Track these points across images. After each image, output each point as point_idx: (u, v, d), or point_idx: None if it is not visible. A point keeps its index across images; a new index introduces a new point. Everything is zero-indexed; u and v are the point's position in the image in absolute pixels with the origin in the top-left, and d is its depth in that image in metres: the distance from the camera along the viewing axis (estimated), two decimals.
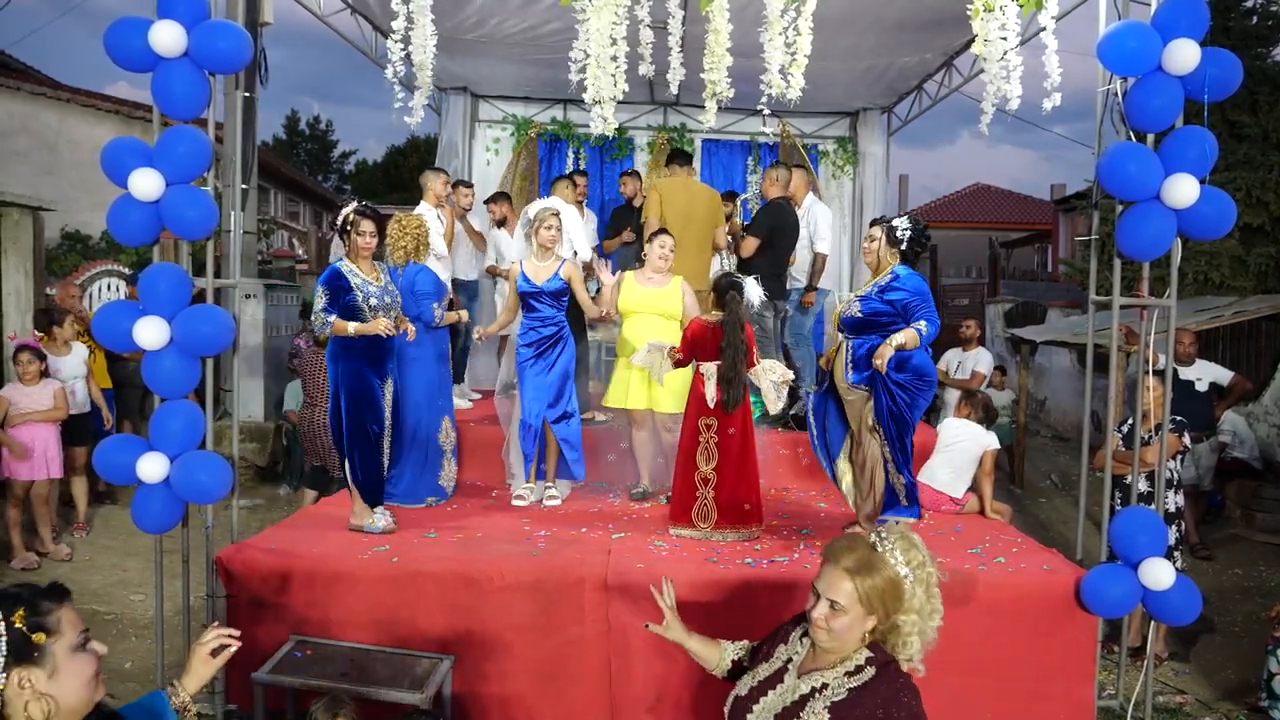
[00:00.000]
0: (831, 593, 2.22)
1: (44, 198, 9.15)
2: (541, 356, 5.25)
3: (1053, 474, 9.61)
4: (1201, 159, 3.93)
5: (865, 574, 2.21)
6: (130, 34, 3.83)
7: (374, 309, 4.58)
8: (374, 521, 4.59)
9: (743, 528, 4.68)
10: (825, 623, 2.22)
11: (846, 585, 2.21)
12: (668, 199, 6.51)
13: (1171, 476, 5.02)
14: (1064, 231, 23.89)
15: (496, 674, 3.99)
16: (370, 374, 4.60)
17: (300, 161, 37.18)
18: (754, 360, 4.74)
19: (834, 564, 2.24)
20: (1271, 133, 11.03)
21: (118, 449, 4.03)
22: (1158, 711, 4.52)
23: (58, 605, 1.78)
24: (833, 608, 2.21)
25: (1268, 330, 9.36)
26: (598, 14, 3.99)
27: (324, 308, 4.50)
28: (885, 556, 2.23)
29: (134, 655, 4.99)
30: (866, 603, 2.21)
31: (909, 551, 2.26)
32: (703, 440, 4.69)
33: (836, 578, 2.22)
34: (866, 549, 2.25)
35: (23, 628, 1.71)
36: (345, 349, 4.56)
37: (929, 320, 4.33)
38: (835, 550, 2.28)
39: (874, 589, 2.21)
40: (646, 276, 5.47)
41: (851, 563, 2.22)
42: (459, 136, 9.66)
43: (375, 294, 4.61)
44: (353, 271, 4.59)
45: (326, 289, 4.52)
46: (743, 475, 4.68)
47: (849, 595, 2.20)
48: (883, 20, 6.75)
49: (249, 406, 8.01)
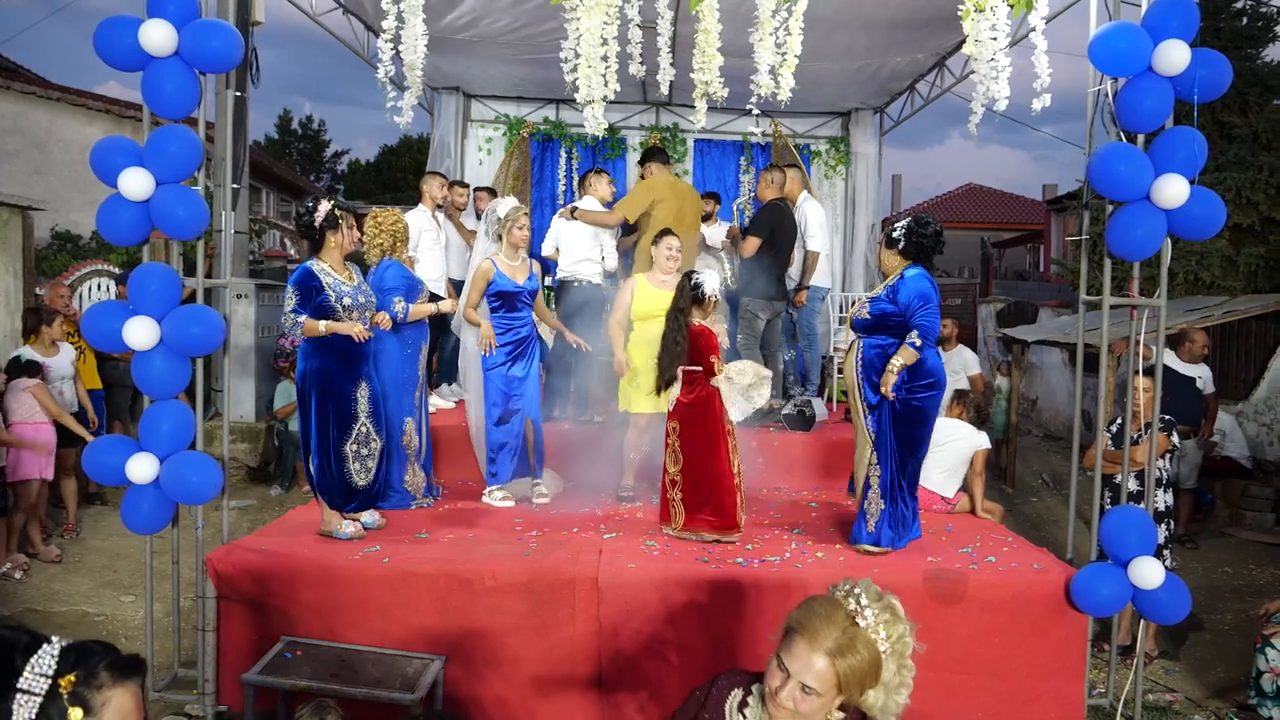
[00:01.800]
0: (805, 675, 1.87)
1: (34, 197, 9.13)
2: (521, 358, 5.25)
3: (1044, 473, 9.63)
4: (1191, 159, 3.95)
5: (845, 655, 1.88)
6: (120, 33, 3.81)
7: (347, 309, 4.46)
8: (341, 528, 4.47)
9: (709, 530, 4.58)
10: (793, 705, 1.90)
11: (823, 667, 1.87)
12: (661, 198, 6.51)
13: (1161, 475, 5.04)
14: (1056, 231, 23.95)
15: (488, 674, 3.99)
16: (340, 377, 4.47)
17: (293, 161, 37.06)
18: (715, 368, 4.67)
19: (809, 641, 1.89)
20: (1261, 133, 11.09)
21: (107, 450, 4.02)
22: (1147, 709, 4.54)
23: (114, 683, 1.51)
24: (804, 690, 1.88)
25: (1257, 330, 9.41)
26: (588, 14, 3.98)
27: (294, 308, 4.36)
28: (868, 634, 1.91)
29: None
30: (842, 685, 1.90)
31: (892, 625, 1.94)
32: (670, 443, 4.72)
33: (812, 659, 1.88)
34: (846, 623, 1.90)
35: (64, 695, 1.45)
36: (317, 349, 4.43)
37: (921, 326, 4.29)
38: (811, 624, 1.91)
39: (853, 670, 1.88)
40: (660, 279, 5.45)
41: (832, 643, 1.88)
42: (451, 136, 9.64)
43: (349, 293, 4.49)
44: (325, 271, 4.47)
45: (297, 289, 4.38)
46: (709, 478, 4.59)
47: (825, 679, 1.87)
48: (874, 20, 6.76)
49: (240, 407, 7.99)
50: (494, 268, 5.22)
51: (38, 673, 1.44)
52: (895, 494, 4.42)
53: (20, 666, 1.44)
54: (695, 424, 4.64)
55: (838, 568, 4.21)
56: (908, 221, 4.49)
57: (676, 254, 5.46)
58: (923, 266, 4.46)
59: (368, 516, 4.65)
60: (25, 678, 1.43)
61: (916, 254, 4.46)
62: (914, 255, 4.46)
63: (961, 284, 19.69)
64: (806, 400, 6.92)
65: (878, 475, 4.44)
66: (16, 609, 5.49)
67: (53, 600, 5.61)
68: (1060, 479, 9.32)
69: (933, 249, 4.47)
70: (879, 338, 4.44)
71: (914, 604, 3.99)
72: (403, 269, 5.26)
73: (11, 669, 1.43)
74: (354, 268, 4.73)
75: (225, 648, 4.10)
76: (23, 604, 5.56)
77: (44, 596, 5.64)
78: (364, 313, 4.58)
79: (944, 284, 17.96)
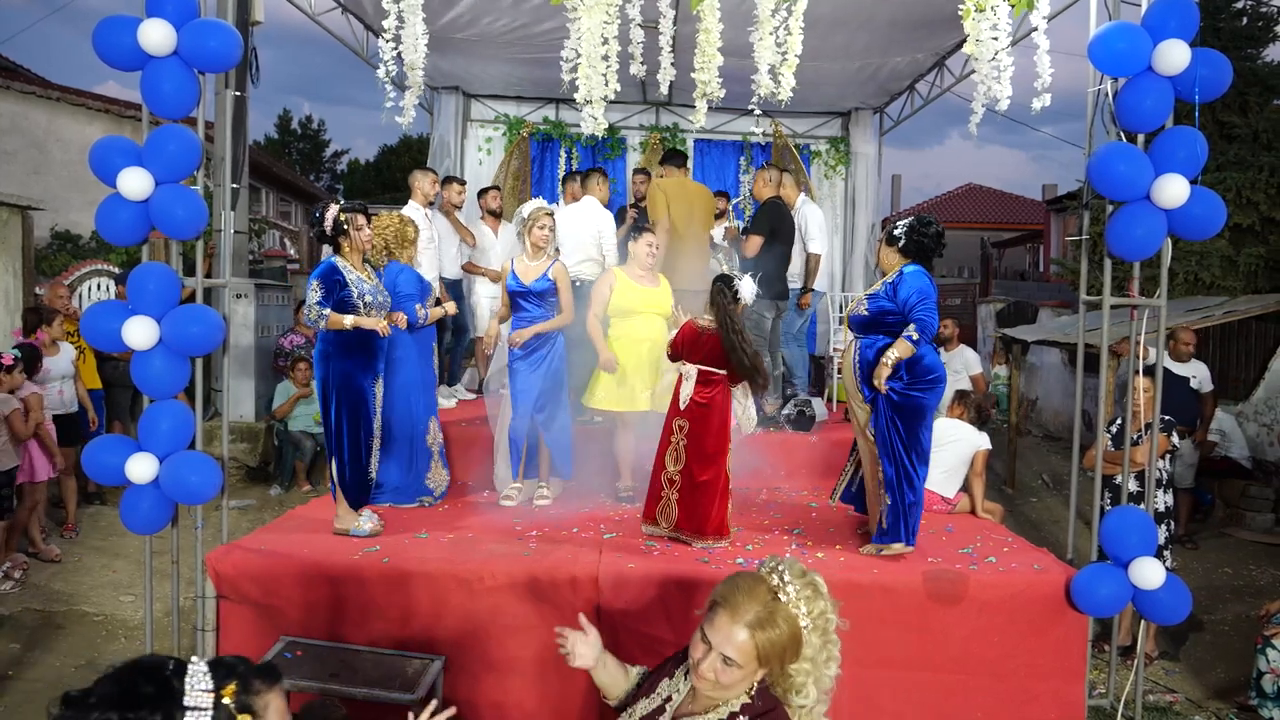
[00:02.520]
0: (726, 647, 1.95)
1: (33, 197, 9.13)
2: (530, 357, 5.25)
3: (1044, 473, 9.63)
4: (1191, 159, 3.95)
5: (765, 628, 1.96)
6: (119, 32, 3.80)
7: (369, 306, 4.53)
8: (360, 525, 4.53)
9: (699, 536, 4.54)
10: (714, 675, 1.98)
11: (743, 639, 1.95)
12: (674, 200, 6.51)
13: (1161, 476, 5.04)
14: (1055, 231, 23.95)
15: (488, 674, 3.99)
16: (360, 375, 4.55)
17: (293, 161, 37.07)
18: None
19: (731, 614, 1.97)
20: (1261, 133, 11.09)
21: (106, 449, 4.01)
22: (1148, 710, 4.54)
23: (268, 688, 1.63)
24: (725, 662, 1.96)
25: (1258, 330, 9.41)
26: (589, 13, 3.98)
27: (319, 301, 4.41)
28: (789, 608, 1.98)
29: (124, 656, 4.92)
30: (762, 657, 1.97)
31: (814, 601, 2.02)
32: (674, 441, 4.65)
33: (733, 631, 1.96)
34: (769, 598, 1.99)
35: (230, 704, 1.55)
36: (336, 348, 4.49)
37: (919, 321, 4.26)
38: (733, 598, 2.00)
39: (773, 644, 1.96)
40: (638, 274, 5.46)
41: (752, 616, 1.96)
42: (451, 136, 9.65)
43: (370, 291, 4.56)
44: (348, 269, 4.53)
45: (322, 283, 4.43)
46: (706, 483, 4.55)
47: (745, 651, 1.95)
48: (874, 20, 6.76)
49: (240, 407, 7.99)
50: (510, 267, 5.27)
51: (200, 689, 1.52)
52: (904, 490, 4.38)
53: (179, 687, 1.51)
54: (705, 425, 4.58)
55: (838, 568, 4.21)
56: (909, 220, 4.47)
57: (655, 250, 5.47)
58: (922, 266, 4.44)
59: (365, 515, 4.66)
60: (190, 696, 1.51)
61: (917, 253, 4.43)
62: (914, 254, 4.43)
63: (961, 284, 19.71)
64: (807, 400, 6.92)
65: (883, 474, 4.43)
66: (16, 608, 5.48)
67: (52, 600, 5.61)
68: (1060, 479, 9.31)
69: (933, 249, 4.44)
70: (876, 336, 4.41)
71: (914, 604, 4.03)
72: (414, 274, 5.35)
73: (171, 691, 1.51)
74: (370, 267, 4.79)
75: (225, 648, 4.09)
76: (22, 603, 5.56)
77: (44, 596, 5.64)
78: (381, 311, 4.65)
79: (944, 284, 17.98)
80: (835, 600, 2.07)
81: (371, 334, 4.55)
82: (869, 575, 4.14)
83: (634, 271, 5.47)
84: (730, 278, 4.68)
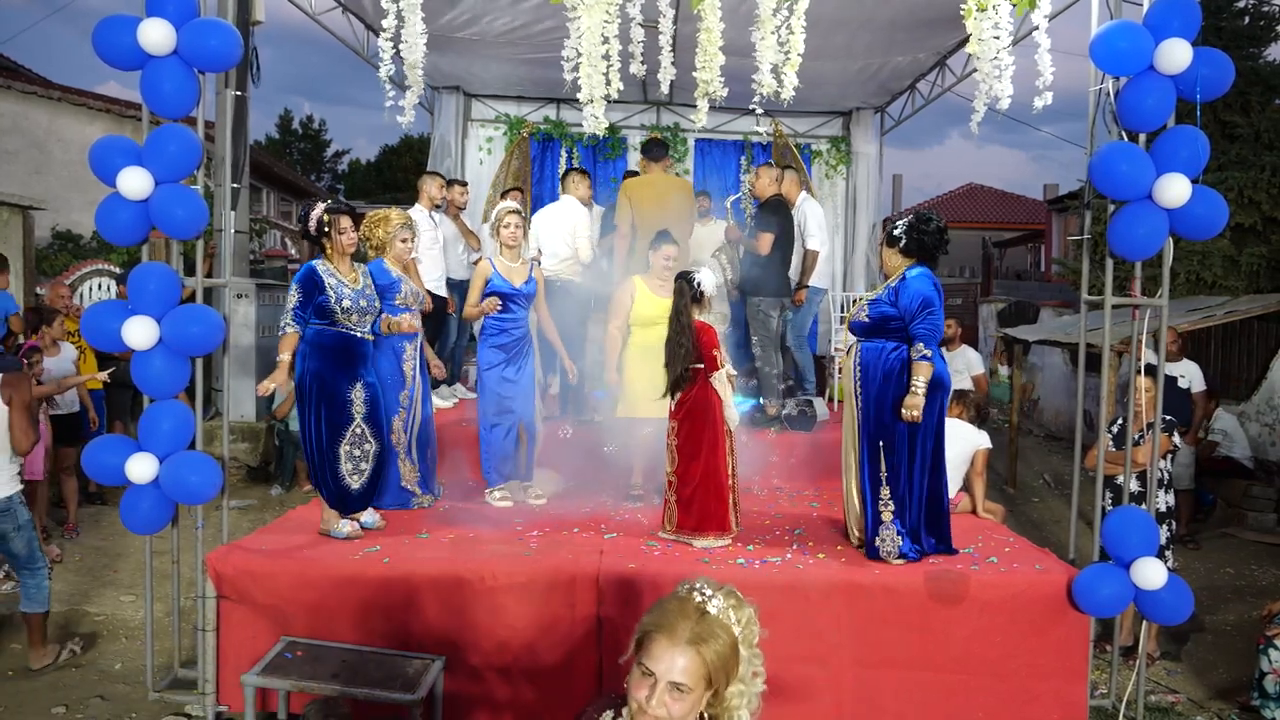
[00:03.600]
0: (673, 673, 1.82)
1: (34, 197, 9.14)
2: (515, 359, 5.22)
3: (1046, 473, 9.63)
4: (1193, 159, 3.94)
5: (707, 641, 1.85)
6: (119, 32, 3.80)
7: (346, 311, 4.45)
8: (339, 528, 4.47)
9: (700, 534, 4.52)
10: (666, 711, 1.83)
11: (689, 659, 1.83)
12: (641, 199, 6.45)
13: (1163, 476, 5.03)
14: (1057, 231, 23.95)
15: (489, 675, 3.98)
16: (336, 378, 4.46)
17: (293, 161, 37.09)
18: (719, 362, 4.64)
19: (669, 638, 1.85)
20: (1263, 132, 11.08)
21: (106, 449, 4.01)
22: (1150, 710, 4.53)
23: None
24: (675, 690, 1.82)
25: (1259, 330, 9.39)
26: (589, 12, 3.98)
27: (295, 307, 4.36)
28: (721, 618, 1.89)
29: (124, 657, 4.97)
30: (710, 675, 1.86)
31: (740, 610, 1.93)
32: (669, 443, 4.65)
33: (676, 653, 1.83)
34: (698, 614, 1.88)
35: None
36: (314, 350, 4.43)
37: (921, 335, 4.21)
38: (666, 622, 1.88)
39: (719, 656, 1.86)
40: (657, 285, 5.39)
41: (691, 634, 1.85)
42: (452, 136, 9.64)
43: (349, 296, 4.47)
44: (329, 272, 4.46)
45: (300, 288, 4.38)
46: (702, 480, 4.53)
47: (693, 671, 1.83)
48: (876, 19, 6.75)
49: (240, 407, 7.99)
50: (491, 267, 5.21)
51: None
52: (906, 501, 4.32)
53: None
54: (696, 422, 4.58)
55: (838, 568, 4.20)
56: (909, 219, 4.42)
57: (671, 261, 5.41)
58: (926, 266, 4.41)
59: (367, 516, 4.64)
60: None
61: (919, 252, 4.38)
62: (916, 253, 4.38)
63: (963, 284, 19.73)
64: (808, 400, 6.91)
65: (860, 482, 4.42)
66: (16, 608, 5.48)
67: (53, 600, 5.59)
68: (1062, 479, 9.31)
69: (936, 247, 4.38)
70: (877, 341, 4.38)
71: (915, 604, 4.03)
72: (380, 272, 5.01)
73: None
74: (361, 269, 4.70)
75: (225, 648, 4.09)
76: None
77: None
78: (364, 315, 4.56)
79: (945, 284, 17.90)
80: (754, 604, 1.99)
81: (353, 338, 4.50)
82: (870, 575, 4.13)
83: (653, 282, 5.44)
84: (689, 273, 4.67)
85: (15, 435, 4.52)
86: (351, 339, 4.51)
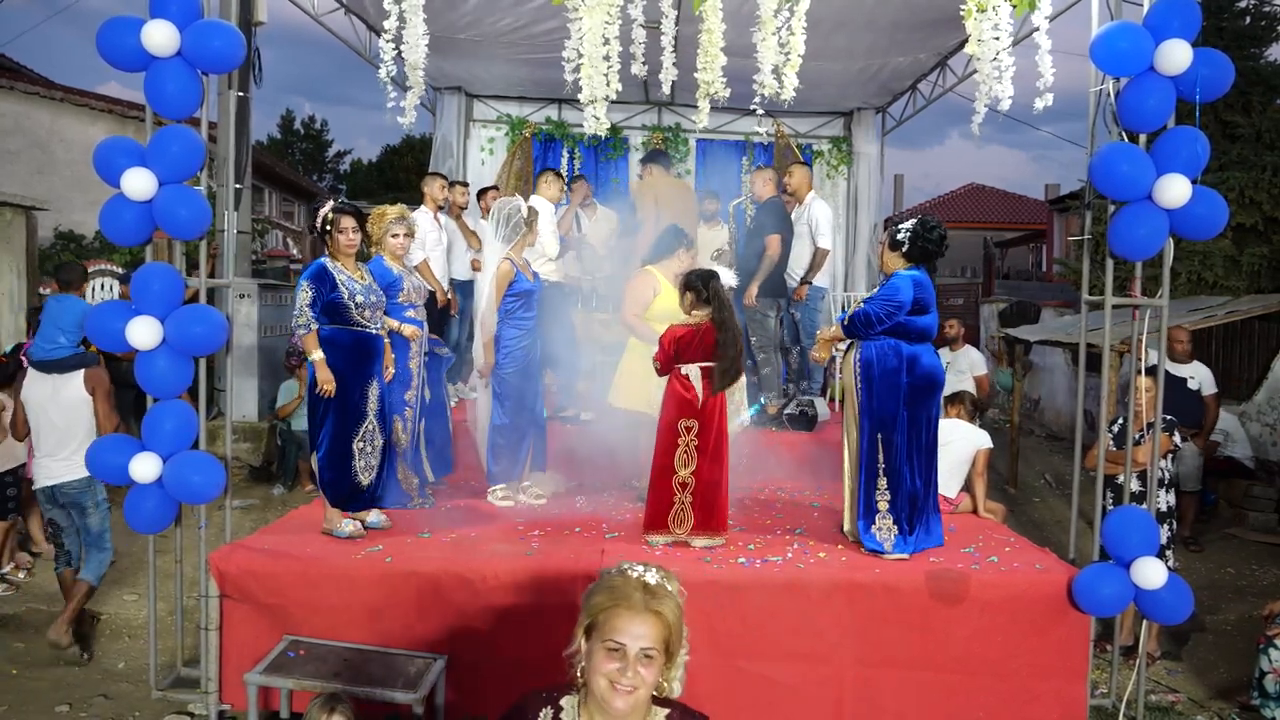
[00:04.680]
0: (643, 639, 1.88)
1: (37, 197, 9.15)
2: (528, 360, 5.23)
3: (1047, 473, 9.63)
4: (1193, 159, 3.95)
5: (660, 600, 1.93)
6: (122, 33, 3.82)
7: (360, 307, 4.50)
8: (341, 527, 4.50)
9: (713, 534, 4.55)
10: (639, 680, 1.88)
11: (652, 624, 1.90)
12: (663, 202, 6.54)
13: (1163, 475, 5.04)
14: (1058, 231, 23.94)
15: (490, 674, 3.99)
16: (352, 375, 4.50)
17: (295, 161, 37.11)
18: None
19: (629, 608, 1.90)
20: (1264, 133, 11.08)
21: (110, 449, 4.03)
22: (1150, 710, 4.53)
23: None
24: (645, 656, 1.89)
25: (1260, 330, 9.39)
26: (590, 13, 3.99)
27: (309, 304, 4.39)
28: (664, 585, 1.97)
29: (127, 656, 4.98)
30: (668, 641, 1.93)
31: (670, 579, 2.02)
32: (682, 444, 4.60)
33: (639, 621, 1.90)
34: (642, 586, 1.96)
35: None
36: (329, 350, 4.46)
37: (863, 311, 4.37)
38: (617, 594, 1.94)
39: (675, 619, 1.94)
40: (673, 278, 5.40)
41: (644, 601, 1.92)
42: (454, 136, 9.66)
43: (361, 292, 4.53)
44: (338, 269, 4.51)
45: (312, 284, 4.41)
46: (720, 481, 4.58)
47: (658, 636, 1.90)
48: (877, 20, 6.76)
49: (243, 406, 8.00)
50: (513, 269, 5.16)
51: None
52: (902, 493, 4.40)
53: None
54: (711, 423, 4.56)
55: (839, 568, 4.21)
56: (914, 225, 4.44)
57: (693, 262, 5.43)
58: (924, 269, 4.45)
59: (373, 516, 4.66)
60: None
61: (920, 258, 4.45)
62: (917, 259, 4.45)
63: (964, 284, 19.71)
64: (809, 400, 6.93)
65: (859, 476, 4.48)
66: (20, 608, 5.50)
67: (56, 600, 5.61)
68: (1063, 479, 9.31)
69: (936, 253, 4.46)
70: (879, 339, 4.43)
71: (916, 603, 4.03)
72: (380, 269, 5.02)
73: None
74: (364, 266, 4.74)
75: (228, 647, 4.10)
76: (26, 603, 5.57)
77: (47, 595, 5.65)
78: (375, 311, 4.61)
79: (946, 284, 17.98)
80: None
81: (367, 335, 4.55)
82: (871, 574, 4.14)
83: (669, 272, 5.44)
84: (711, 272, 4.66)
85: (100, 421, 4.96)
86: (364, 336, 4.55)
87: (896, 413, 4.37)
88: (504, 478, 5.28)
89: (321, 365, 4.40)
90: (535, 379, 5.29)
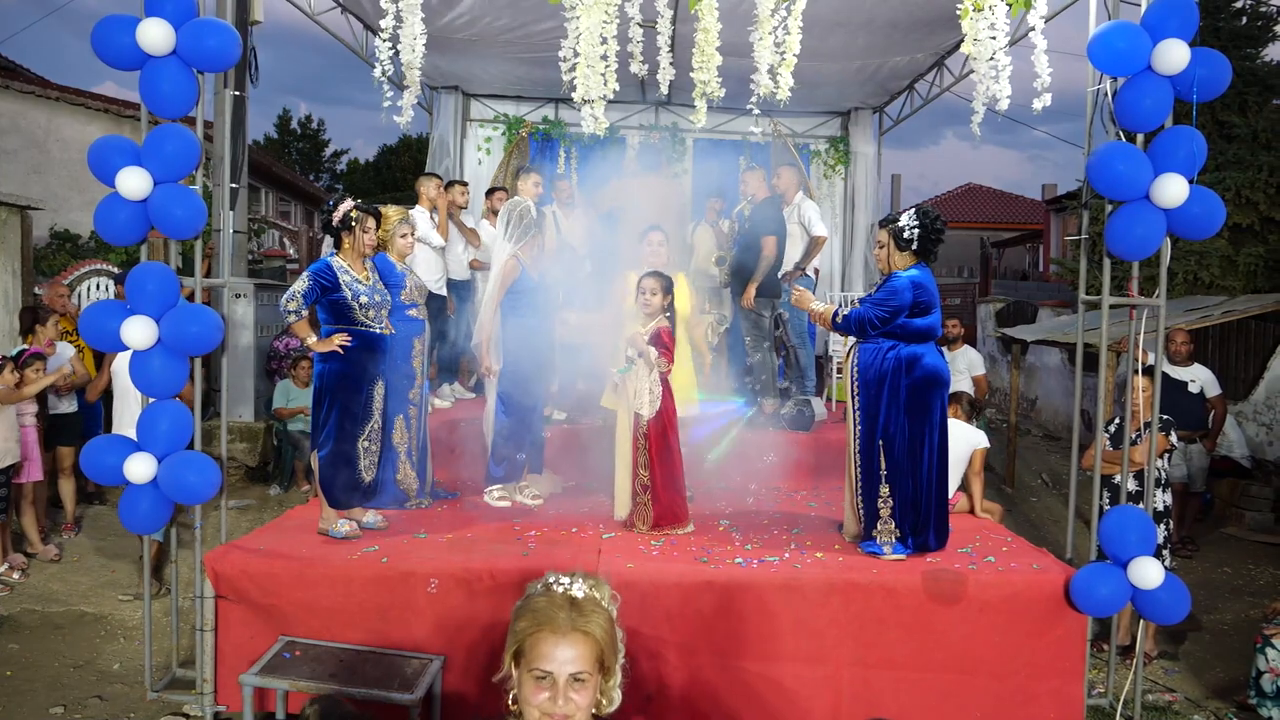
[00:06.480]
0: (570, 665, 1.77)
1: (32, 196, 9.12)
2: (534, 361, 5.23)
3: (1044, 473, 9.63)
4: (1190, 159, 3.95)
5: (589, 617, 1.83)
6: (118, 32, 3.81)
7: (364, 307, 4.52)
8: (337, 527, 4.50)
9: (670, 527, 4.72)
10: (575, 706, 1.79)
11: (581, 646, 1.80)
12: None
13: (1160, 475, 5.04)
14: (1055, 231, 23.96)
15: (487, 674, 3.98)
16: (359, 374, 4.54)
17: (292, 161, 37.04)
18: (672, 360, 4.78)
19: (553, 632, 1.79)
20: (1261, 133, 11.08)
21: (105, 449, 4.01)
22: (1147, 709, 4.53)
23: None
24: (576, 681, 1.78)
25: (1257, 330, 9.40)
26: (587, 12, 3.98)
27: (303, 292, 4.41)
28: (592, 598, 1.88)
29: (122, 656, 4.97)
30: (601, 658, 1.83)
31: (599, 587, 1.92)
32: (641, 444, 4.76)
33: (565, 645, 1.79)
34: (568, 602, 1.85)
35: None
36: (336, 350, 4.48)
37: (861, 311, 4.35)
38: (542, 620, 1.82)
39: (605, 633, 1.84)
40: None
41: (571, 621, 1.81)
42: (450, 135, 9.64)
43: (365, 292, 4.55)
44: (344, 269, 4.53)
45: (312, 278, 4.44)
46: (676, 476, 4.76)
47: (588, 657, 1.80)
48: (874, 20, 6.75)
49: (239, 407, 7.98)
50: (519, 266, 5.17)
51: None
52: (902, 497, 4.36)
53: None
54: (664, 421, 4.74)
55: (837, 568, 4.21)
56: (918, 220, 4.33)
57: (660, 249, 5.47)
58: (925, 265, 4.42)
59: (369, 517, 4.65)
60: None
61: (923, 255, 4.41)
62: (921, 255, 4.41)
63: (961, 284, 19.72)
64: (806, 400, 6.92)
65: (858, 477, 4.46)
66: (15, 609, 5.48)
67: (51, 600, 5.61)
68: (1060, 479, 9.31)
69: (939, 242, 4.44)
70: (874, 340, 4.40)
71: (913, 604, 4.03)
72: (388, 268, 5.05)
73: None
74: (371, 266, 4.77)
75: (223, 648, 4.09)
76: (21, 604, 5.55)
77: (42, 596, 5.64)
78: (380, 310, 4.62)
79: (943, 284, 17.98)
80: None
81: (373, 335, 4.55)
82: (868, 575, 4.14)
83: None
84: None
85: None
86: (371, 336, 4.56)
87: (895, 417, 4.32)
88: (503, 479, 5.28)
89: (324, 342, 4.43)
90: (537, 382, 5.27)
